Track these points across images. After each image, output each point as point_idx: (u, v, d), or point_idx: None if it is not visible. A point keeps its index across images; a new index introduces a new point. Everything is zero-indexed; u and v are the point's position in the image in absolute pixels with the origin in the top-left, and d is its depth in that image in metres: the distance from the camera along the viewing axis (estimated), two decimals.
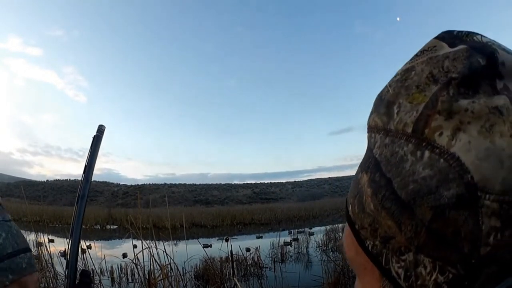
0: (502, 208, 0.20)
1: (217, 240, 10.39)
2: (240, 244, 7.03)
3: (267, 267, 6.55)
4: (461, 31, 0.26)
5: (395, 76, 0.27)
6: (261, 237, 12.14)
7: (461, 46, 0.25)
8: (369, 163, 0.27)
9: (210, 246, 7.33)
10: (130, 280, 6.05)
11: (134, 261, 3.92)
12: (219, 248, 6.12)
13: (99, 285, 4.09)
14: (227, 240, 7.98)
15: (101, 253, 6.19)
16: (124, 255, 6.17)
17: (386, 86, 0.27)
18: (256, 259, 6.74)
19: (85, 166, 0.64)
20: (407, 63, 0.27)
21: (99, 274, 5.26)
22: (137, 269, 4.17)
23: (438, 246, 0.22)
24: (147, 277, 3.65)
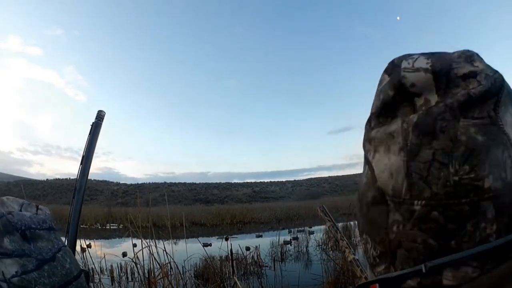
0: (396, 207, 0.28)
1: (217, 239, 10.38)
2: (240, 243, 7.03)
3: (267, 266, 6.55)
4: (400, 57, 0.31)
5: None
6: (261, 236, 12.14)
7: (387, 80, 0.31)
8: None
9: (210, 245, 7.32)
10: (130, 279, 6.05)
11: (134, 260, 3.91)
12: (219, 247, 6.11)
13: (99, 284, 4.09)
14: (227, 239, 7.97)
15: (100, 252, 6.19)
16: (124, 254, 6.17)
17: None
18: (256, 258, 6.74)
19: (83, 157, 0.61)
20: None
21: (99, 273, 5.26)
22: (137, 268, 4.16)
23: (371, 230, 0.32)
24: (147, 276, 3.64)
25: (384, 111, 0.30)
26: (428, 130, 0.26)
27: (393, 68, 0.31)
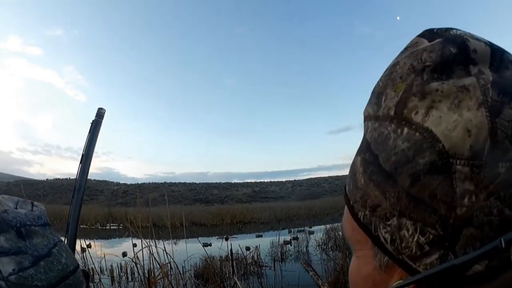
0: (473, 172, 0.23)
1: (217, 239, 10.39)
2: (240, 243, 7.03)
3: (267, 266, 6.55)
4: (441, 28, 0.30)
5: (385, 71, 0.31)
6: (261, 236, 12.15)
7: (437, 40, 0.28)
8: (362, 146, 0.31)
9: (210, 245, 7.33)
10: (130, 279, 6.05)
11: (134, 260, 3.91)
12: (219, 247, 6.11)
13: (99, 284, 4.09)
14: (227, 239, 7.97)
15: (101, 252, 6.19)
16: (124, 254, 6.18)
17: (378, 81, 0.31)
18: (256, 258, 6.74)
19: (82, 155, 0.61)
20: (394, 59, 0.31)
21: (99, 273, 5.26)
22: (137, 268, 4.16)
23: (417, 209, 0.25)
24: (147, 276, 3.64)
25: (441, 66, 0.27)
26: (507, 90, 0.25)
27: (435, 34, 0.29)
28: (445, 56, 0.27)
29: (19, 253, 0.42)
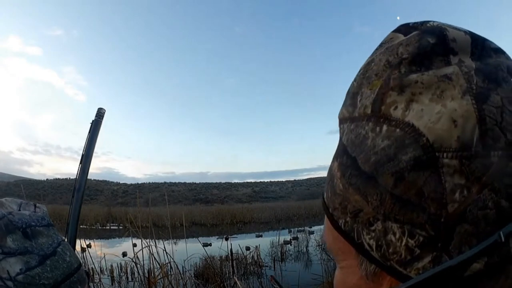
0: (463, 164, 0.22)
1: (217, 239, 10.39)
2: (240, 243, 7.03)
3: (267, 266, 6.55)
4: (417, 22, 0.28)
5: (359, 71, 0.29)
6: (261, 236, 12.15)
7: (414, 33, 0.27)
8: (338, 150, 0.29)
9: (210, 244, 7.33)
10: (130, 278, 6.05)
11: (134, 259, 3.91)
12: (219, 247, 6.11)
13: (99, 284, 4.09)
14: (227, 239, 7.97)
15: (101, 252, 6.20)
16: (124, 254, 6.17)
17: (352, 82, 0.29)
18: (256, 258, 6.74)
19: (82, 155, 0.61)
20: (369, 57, 0.29)
21: (99, 273, 5.26)
22: (137, 267, 4.16)
23: (403, 210, 0.23)
24: (147, 276, 3.64)
25: (419, 58, 0.25)
26: (492, 76, 0.24)
27: (411, 28, 0.28)
28: (423, 47, 0.25)
29: (26, 253, 0.43)
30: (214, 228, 17.34)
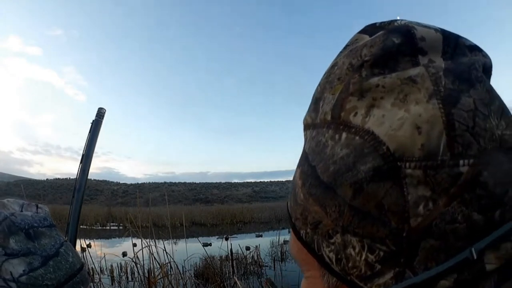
0: (427, 175, 0.20)
1: (217, 238, 10.39)
2: (240, 243, 7.02)
3: (267, 266, 6.55)
4: (384, 21, 0.26)
5: (323, 75, 0.28)
6: (261, 236, 12.15)
7: (379, 33, 0.25)
8: (301, 158, 0.28)
9: (210, 244, 7.33)
10: (130, 278, 6.05)
11: (134, 259, 3.91)
12: (219, 246, 6.11)
13: (99, 284, 4.09)
14: (227, 239, 7.97)
15: (101, 251, 6.19)
16: (124, 254, 6.16)
17: (316, 86, 0.28)
18: (256, 257, 6.73)
19: (82, 155, 0.61)
20: (333, 60, 0.28)
21: (99, 273, 5.25)
22: (137, 267, 4.16)
23: (363, 224, 0.21)
24: (147, 276, 3.64)
25: (383, 60, 0.23)
26: (464, 77, 0.22)
27: (377, 28, 0.26)
28: (387, 48, 0.23)
29: (28, 254, 0.44)
30: (214, 228, 17.34)
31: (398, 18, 0.26)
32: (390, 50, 0.23)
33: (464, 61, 0.23)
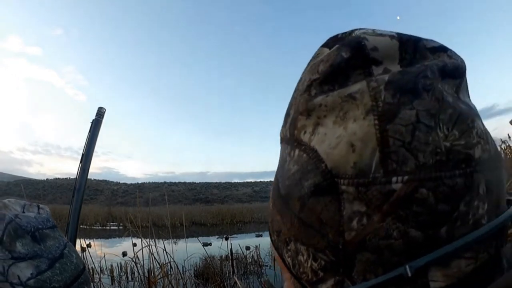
0: (359, 192, 0.21)
1: (217, 238, 10.39)
2: (240, 243, 7.02)
3: (267, 266, 6.54)
4: (345, 32, 0.26)
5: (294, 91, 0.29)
6: (261, 236, 12.13)
7: (335, 46, 0.25)
8: (276, 170, 0.29)
9: (210, 244, 7.32)
10: (130, 278, 6.05)
11: (133, 259, 3.91)
12: (219, 246, 6.11)
13: (99, 284, 4.09)
14: (227, 239, 7.97)
15: (100, 251, 6.19)
16: (124, 254, 6.16)
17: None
18: (256, 257, 6.73)
19: (82, 155, 0.61)
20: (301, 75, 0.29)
21: (99, 273, 5.25)
22: (137, 267, 4.16)
23: (308, 235, 0.24)
24: (147, 276, 3.65)
25: (332, 77, 0.23)
26: (408, 88, 0.21)
27: (338, 40, 0.26)
28: (336, 64, 0.23)
29: (35, 257, 0.43)
30: (214, 228, 17.35)
31: (398, 18, 0.25)
32: (339, 66, 0.23)
33: (412, 70, 0.22)
